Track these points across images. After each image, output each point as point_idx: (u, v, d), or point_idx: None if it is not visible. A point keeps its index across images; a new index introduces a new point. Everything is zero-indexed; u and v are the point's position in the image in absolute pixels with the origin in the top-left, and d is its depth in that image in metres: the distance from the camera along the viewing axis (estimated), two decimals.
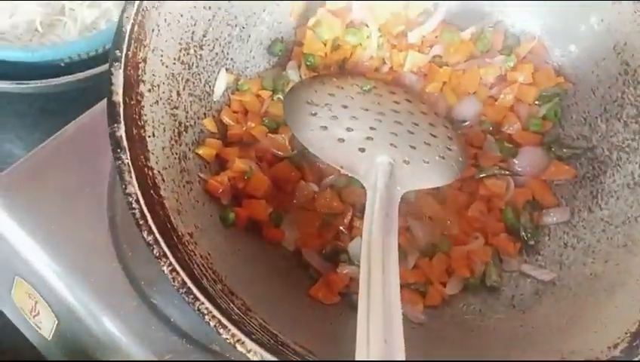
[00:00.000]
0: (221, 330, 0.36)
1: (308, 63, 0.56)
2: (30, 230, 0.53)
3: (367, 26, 0.58)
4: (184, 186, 0.45)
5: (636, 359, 0.40)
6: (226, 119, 0.53)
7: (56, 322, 0.54)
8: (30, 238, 0.52)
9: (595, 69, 0.55)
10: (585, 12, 0.55)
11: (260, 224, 0.50)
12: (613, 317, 0.43)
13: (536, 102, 0.57)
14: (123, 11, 0.42)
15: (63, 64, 0.69)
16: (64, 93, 0.72)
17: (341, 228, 0.50)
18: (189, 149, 0.48)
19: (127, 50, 0.41)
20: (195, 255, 0.41)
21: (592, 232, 0.51)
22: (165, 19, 0.45)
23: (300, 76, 0.57)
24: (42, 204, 0.54)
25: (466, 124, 0.57)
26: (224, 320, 0.36)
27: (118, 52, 0.41)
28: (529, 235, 0.52)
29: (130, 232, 0.53)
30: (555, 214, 0.53)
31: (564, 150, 0.55)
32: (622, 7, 0.52)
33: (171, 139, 0.46)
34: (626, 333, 0.41)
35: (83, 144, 0.56)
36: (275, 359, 0.36)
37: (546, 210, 0.53)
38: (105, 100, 0.40)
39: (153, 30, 0.44)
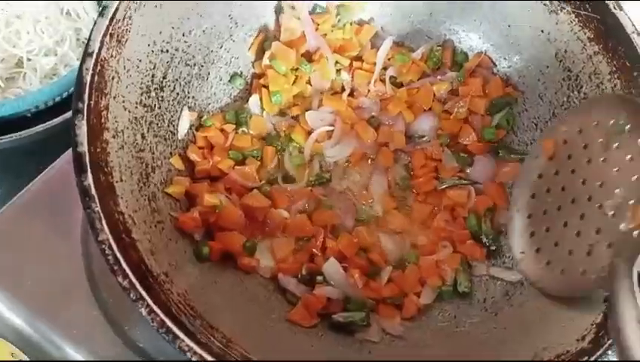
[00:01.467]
0: None
1: (274, 100, 0.58)
2: (6, 290, 0.52)
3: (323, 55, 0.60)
4: (156, 226, 0.46)
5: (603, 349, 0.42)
6: (192, 156, 0.54)
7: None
8: (7, 298, 0.52)
9: (541, 77, 0.58)
10: (525, 25, 0.58)
11: (234, 255, 0.51)
12: (579, 310, 0.45)
13: (488, 113, 0.59)
14: (82, 63, 0.43)
15: (29, 114, 0.69)
16: (23, 147, 0.73)
17: (314, 250, 0.52)
18: (158, 189, 0.49)
19: (89, 100, 0.42)
20: (172, 293, 0.41)
21: None
22: (124, 67, 0.47)
23: (262, 109, 0.58)
24: (14, 261, 0.53)
25: (424, 138, 0.60)
26: (205, 355, 0.37)
27: (80, 103, 0.42)
28: (490, 240, 0.54)
29: (107, 277, 0.54)
30: None
31: (512, 155, 0.58)
32: (559, 17, 0.55)
33: (139, 181, 0.47)
34: (592, 324, 0.43)
35: (49, 199, 0.56)
36: None
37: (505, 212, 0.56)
38: (66, 152, 0.41)
39: (113, 78, 0.45)
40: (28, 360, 0.52)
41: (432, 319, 0.51)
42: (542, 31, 0.57)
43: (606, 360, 0.41)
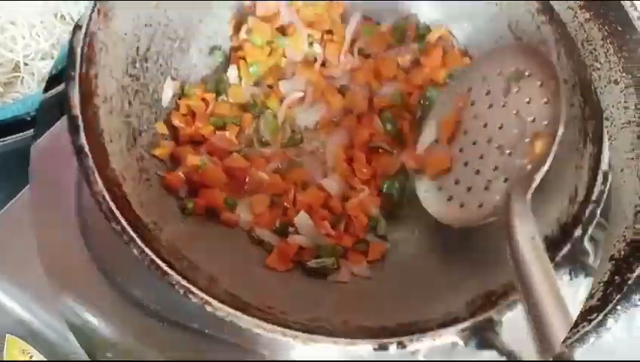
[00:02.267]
0: (190, 296, 0.42)
1: (251, 71, 0.63)
2: (16, 287, 0.54)
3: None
4: (144, 183, 0.51)
5: None
6: (176, 122, 0.59)
7: None
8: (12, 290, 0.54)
9: (495, 47, 0.63)
10: None
11: (216, 210, 0.56)
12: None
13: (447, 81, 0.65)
14: (72, 35, 0.47)
15: (29, 118, 0.72)
16: (22, 150, 0.74)
17: (286, 204, 0.57)
18: (145, 151, 0.54)
19: (80, 69, 0.47)
20: (161, 239, 0.46)
21: None
22: (112, 39, 0.51)
23: (240, 78, 0.63)
24: (21, 256, 0.55)
25: None
26: (192, 288, 0.43)
27: (72, 71, 0.46)
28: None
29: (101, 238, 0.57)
30: None
31: None
32: None
33: (127, 143, 0.51)
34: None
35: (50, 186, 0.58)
36: (240, 313, 0.42)
37: None
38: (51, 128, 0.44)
39: (101, 49, 0.50)
40: (40, 360, 0.56)
41: (395, 261, 0.57)
42: (495, 4, 0.62)
43: None
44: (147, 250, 0.43)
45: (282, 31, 0.65)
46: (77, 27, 0.48)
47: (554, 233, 0.49)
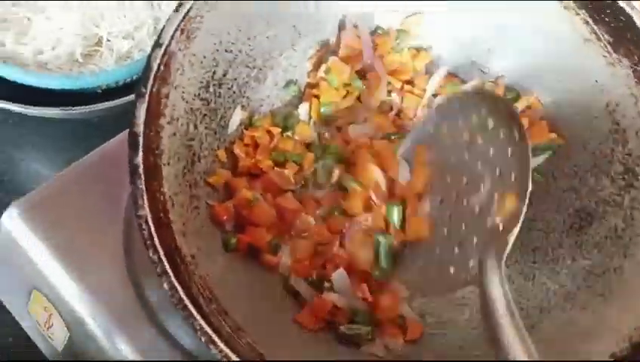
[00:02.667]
0: (211, 346, 0.40)
1: (323, 110, 0.61)
2: (52, 248, 0.56)
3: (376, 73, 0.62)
4: (192, 211, 0.50)
5: None
6: (237, 151, 0.57)
7: (68, 335, 0.58)
8: (50, 254, 0.56)
9: (588, 126, 0.58)
10: (580, 72, 0.58)
11: (259, 250, 0.54)
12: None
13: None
14: (151, 52, 0.47)
15: (100, 91, 0.75)
16: (90, 120, 0.79)
17: (328, 257, 0.54)
18: (200, 178, 0.52)
19: (152, 87, 0.46)
20: (195, 275, 0.45)
21: (573, 280, 0.53)
22: (189, 60, 0.50)
23: (310, 116, 0.61)
24: (64, 224, 0.57)
25: None
26: (214, 337, 0.40)
27: (143, 89, 0.46)
28: None
29: (142, 255, 0.57)
30: None
31: None
32: (615, 70, 0.55)
33: (184, 167, 0.50)
34: None
35: (104, 170, 0.60)
36: None
37: None
38: (126, 130, 0.44)
39: (178, 70, 0.49)
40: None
41: (436, 345, 0.52)
42: (596, 81, 0.57)
43: None
44: (178, 287, 0.41)
45: (362, 75, 0.63)
46: (157, 45, 0.47)
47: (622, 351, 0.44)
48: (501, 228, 0.44)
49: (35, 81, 0.73)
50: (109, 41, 0.80)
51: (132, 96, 0.71)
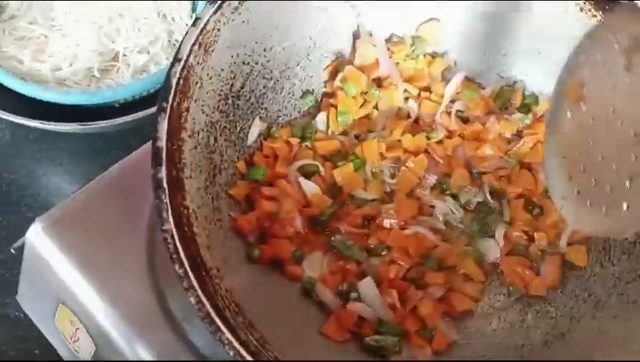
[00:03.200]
0: (238, 359, 0.40)
1: (341, 120, 0.60)
2: (76, 262, 0.56)
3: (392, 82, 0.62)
4: (215, 224, 0.50)
5: None
6: (258, 162, 0.57)
7: (95, 348, 0.58)
8: (75, 269, 0.56)
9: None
10: None
11: (282, 261, 0.53)
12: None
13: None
14: (171, 67, 0.47)
15: (117, 105, 0.76)
16: (109, 133, 0.79)
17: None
18: (222, 190, 0.52)
19: (173, 101, 0.47)
20: (221, 288, 0.44)
21: (603, 287, 0.52)
22: (208, 74, 0.51)
23: (328, 126, 0.61)
24: (88, 238, 0.58)
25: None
26: (242, 351, 0.40)
27: (164, 103, 0.46)
28: None
29: (165, 268, 0.58)
30: None
31: None
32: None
33: (206, 180, 0.50)
34: None
35: (126, 184, 0.61)
36: None
37: None
38: (146, 144, 0.45)
39: (196, 83, 0.49)
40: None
41: (464, 355, 0.51)
42: None
43: None
44: (205, 302, 0.41)
45: (378, 83, 0.63)
46: (176, 60, 0.48)
47: None
48: None
49: (54, 98, 0.73)
50: (125, 55, 0.80)
51: (149, 110, 0.73)
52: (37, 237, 0.58)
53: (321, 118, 0.61)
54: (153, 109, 0.71)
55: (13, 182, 0.82)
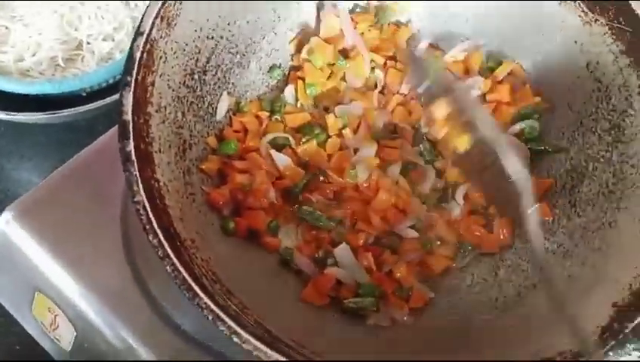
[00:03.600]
0: (218, 323, 0.40)
1: (309, 92, 0.61)
2: (49, 248, 0.56)
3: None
4: (187, 198, 0.50)
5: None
6: (228, 137, 0.57)
7: (75, 334, 0.58)
8: (50, 255, 0.56)
9: (571, 86, 0.59)
10: (558, 34, 0.59)
11: (258, 232, 0.54)
12: (588, 314, 0.46)
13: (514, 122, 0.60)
14: (133, 41, 0.47)
15: (84, 93, 0.75)
16: (76, 123, 0.79)
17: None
18: (193, 164, 0.52)
19: (137, 75, 0.46)
20: (197, 258, 0.45)
21: (570, 238, 0.54)
22: (172, 48, 0.50)
23: (296, 99, 0.61)
24: (60, 223, 0.57)
25: None
26: (222, 314, 0.40)
27: (128, 77, 0.46)
28: None
29: (141, 246, 0.58)
30: None
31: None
32: (592, 29, 0.56)
33: (176, 155, 0.50)
34: (598, 327, 0.44)
35: (95, 168, 0.60)
36: (268, 349, 0.39)
37: None
38: (113, 128, 0.44)
39: (161, 57, 0.49)
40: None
41: (440, 312, 0.52)
42: (575, 41, 0.58)
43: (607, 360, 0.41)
44: (181, 269, 0.41)
45: (345, 54, 0.63)
46: (138, 33, 0.47)
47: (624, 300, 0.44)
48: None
49: (18, 88, 0.72)
50: (89, 44, 0.79)
51: (115, 96, 0.72)
52: (8, 227, 0.58)
53: (289, 90, 0.62)
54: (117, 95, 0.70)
55: None
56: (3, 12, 0.79)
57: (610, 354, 0.42)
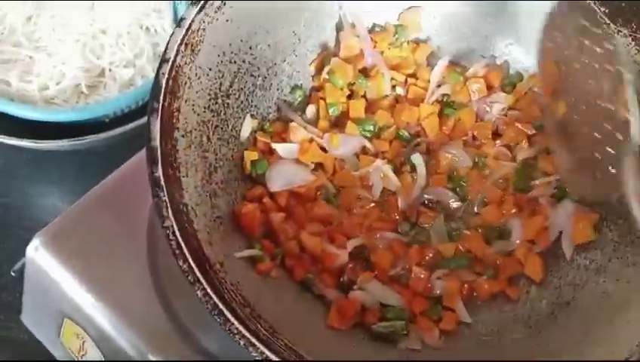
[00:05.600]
0: (250, 349, 0.40)
1: (331, 112, 0.61)
2: (78, 274, 0.56)
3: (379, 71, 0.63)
4: (214, 221, 0.50)
5: None
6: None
7: (103, 359, 0.58)
8: (77, 281, 0.56)
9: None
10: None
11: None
12: (626, 332, 0.45)
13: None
14: (159, 68, 0.48)
15: (107, 120, 0.76)
16: (99, 149, 0.80)
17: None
18: (219, 187, 0.53)
19: (164, 101, 0.47)
20: (226, 282, 0.45)
21: (602, 253, 0.53)
22: (196, 74, 0.51)
23: (317, 118, 0.62)
24: (87, 249, 0.58)
25: None
26: (253, 339, 0.40)
27: (155, 103, 0.46)
28: None
29: (168, 272, 0.58)
30: None
31: None
32: (616, 40, 0.56)
33: (203, 178, 0.50)
34: (638, 345, 0.43)
35: (121, 194, 0.61)
36: None
37: None
38: (138, 153, 0.44)
39: (185, 83, 0.50)
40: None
41: (472, 332, 0.51)
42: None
43: None
44: (212, 294, 0.41)
45: (365, 73, 0.63)
46: (164, 60, 0.48)
47: None
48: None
49: (43, 116, 0.74)
50: (110, 71, 0.81)
51: (139, 121, 0.73)
52: (37, 253, 0.58)
53: (310, 110, 0.62)
54: (143, 120, 0.71)
55: (9, 206, 0.82)
56: (27, 43, 0.81)
57: None
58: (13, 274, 0.67)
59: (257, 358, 0.39)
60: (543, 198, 0.56)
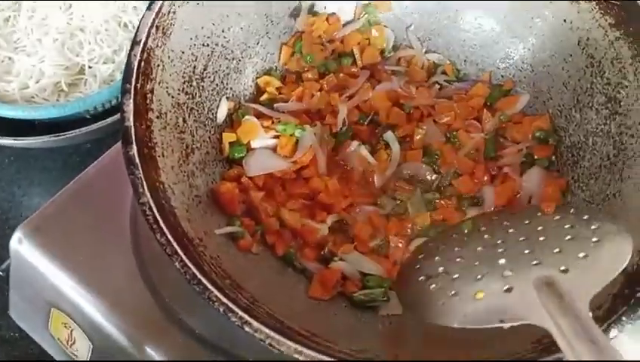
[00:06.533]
0: (230, 315, 0.40)
1: (309, 60, 0.62)
2: (62, 263, 0.57)
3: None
4: (193, 199, 0.50)
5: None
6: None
7: (91, 346, 0.58)
8: (62, 270, 0.57)
9: (565, 65, 0.59)
10: (547, 15, 0.60)
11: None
12: None
13: None
14: (131, 50, 0.48)
15: (88, 115, 0.77)
16: (82, 146, 0.80)
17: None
18: (197, 168, 0.53)
19: (136, 82, 0.48)
20: (205, 255, 0.45)
21: (576, 215, 0.54)
22: (169, 56, 0.52)
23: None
24: (70, 238, 0.58)
25: None
26: (232, 306, 0.40)
27: (128, 85, 0.47)
28: None
29: (152, 257, 0.58)
30: None
31: None
32: (580, 6, 0.57)
33: (180, 159, 0.51)
34: (609, 294, 0.43)
35: (102, 183, 0.62)
36: (280, 337, 0.39)
37: None
38: (118, 143, 0.45)
39: (158, 65, 0.50)
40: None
41: None
42: (564, 20, 0.58)
43: None
44: (190, 265, 0.41)
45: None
46: (135, 42, 0.49)
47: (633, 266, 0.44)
48: None
49: (24, 114, 0.74)
50: (90, 67, 0.81)
51: (118, 116, 0.74)
52: (20, 246, 0.59)
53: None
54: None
55: None
56: (6, 45, 0.81)
57: (624, 318, 0.42)
58: (0, 273, 0.68)
59: (237, 324, 0.40)
60: (513, 166, 0.57)
